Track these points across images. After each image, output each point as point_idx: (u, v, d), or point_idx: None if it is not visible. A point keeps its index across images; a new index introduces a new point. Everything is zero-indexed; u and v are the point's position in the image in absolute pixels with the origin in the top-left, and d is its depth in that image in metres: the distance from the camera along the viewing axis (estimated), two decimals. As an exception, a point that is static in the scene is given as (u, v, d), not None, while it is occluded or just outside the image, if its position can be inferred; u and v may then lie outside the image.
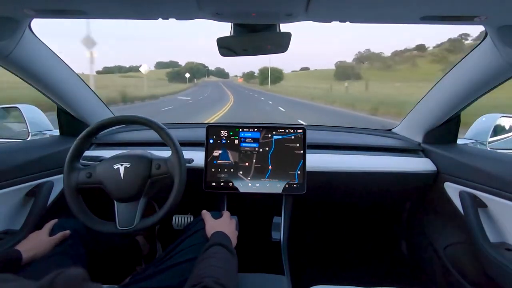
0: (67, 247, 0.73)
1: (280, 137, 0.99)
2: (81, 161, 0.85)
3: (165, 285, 0.66)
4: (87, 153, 1.06)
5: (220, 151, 0.99)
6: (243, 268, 0.75)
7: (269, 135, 1.00)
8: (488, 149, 1.14)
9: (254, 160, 0.99)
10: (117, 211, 0.80)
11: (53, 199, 0.95)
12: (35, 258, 0.67)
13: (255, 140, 1.00)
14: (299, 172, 0.97)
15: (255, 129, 1.00)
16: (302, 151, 0.98)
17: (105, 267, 0.92)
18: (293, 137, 0.99)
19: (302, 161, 0.98)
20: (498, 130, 1.20)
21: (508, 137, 1.23)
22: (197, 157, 1.00)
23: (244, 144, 1.00)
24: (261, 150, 0.99)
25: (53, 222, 0.78)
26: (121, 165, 0.80)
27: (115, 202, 0.80)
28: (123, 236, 0.99)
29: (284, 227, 1.00)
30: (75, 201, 0.79)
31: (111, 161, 0.81)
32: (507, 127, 1.23)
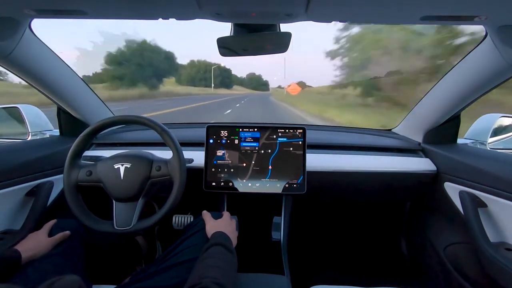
0: (66, 247, 0.72)
1: (285, 139, 0.99)
2: (82, 161, 0.85)
3: (164, 285, 0.66)
4: (87, 153, 1.06)
5: (220, 151, 0.99)
6: (243, 268, 0.75)
7: (274, 136, 0.99)
8: (488, 149, 1.14)
9: (254, 160, 0.99)
10: (115, 210, 0.80)
11: (53, 199, 0.95)
12: (34, 258, 0.67)
13: (255, 140, 1.00)
14: (299, 172, 0.97)
15: (255, 129, 1.00)
16: (302, 151, 0.98)
17: (105, 267, 0.92)
18: (300, 143, 0.99)
19: (302, 161, 0.98)
20: (498, 130, 1.20)
21: (508, 137, 1.23)
22: (197, 157, 1.00)
23: (244, 144, 1.00)
24: (261, 150, 0.99)
25: (52, 222, 0.78)
26: (122, 165, 0.80)
27: (114, 202, 0.80)
28: (121, 236, 1.00)
29: (284, 227, 1.00)
30: (74, 199, 0.79)
31: (112, 161, 0.81)
32: (507, 127, 1.23)
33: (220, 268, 0.58)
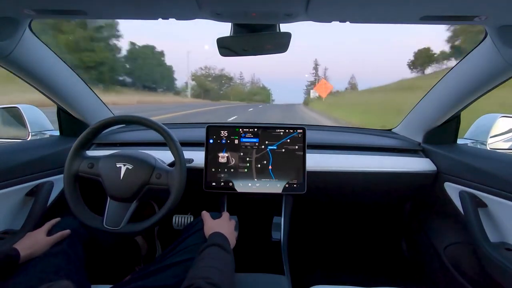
0: (65, 246, 0.72)
1: (285, 140, 0.99)
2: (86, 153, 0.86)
3: (162, 285, 0.66)
4: (87, 153, 1.06)
5: (220, 151, 0.99)
6: (243, 268, 0.75)
7: (274, 137, 0.99)
8: (488, 149, 1.14)
9: (254, 161, 0.99)
10: (107, 208, 0.80)
11: (53, 199, 0.95)
12: (32, 256, 0.67)
13: (255, 140, 1.00)
14: (299, 172, 0.97)
15: (255, 130, 1.00)
16: (302, 151, 0.98)
17: (104, 267, 0.92)
18: (300, 143, 0.98)
19: (302, 161, 0.98)
20: (498, 130, 1.20)
21: (508, 137, 1.23)
22: (197, 157, 1.00)
23: (244, 144, 1.00)
24: (261, 150, 0.99)
25: (52, 221, 0.78)
26: (124, 165, 0.80)
27: (108, 199, 0.81)
28: (121, 236, 1.00)
29: (284, 227, 1.00)
30: (71, 188, 0.80)
31: (115, 159, 0.82)
32: (507, 127, 1.23)
33: (215, 267, 0.57)
